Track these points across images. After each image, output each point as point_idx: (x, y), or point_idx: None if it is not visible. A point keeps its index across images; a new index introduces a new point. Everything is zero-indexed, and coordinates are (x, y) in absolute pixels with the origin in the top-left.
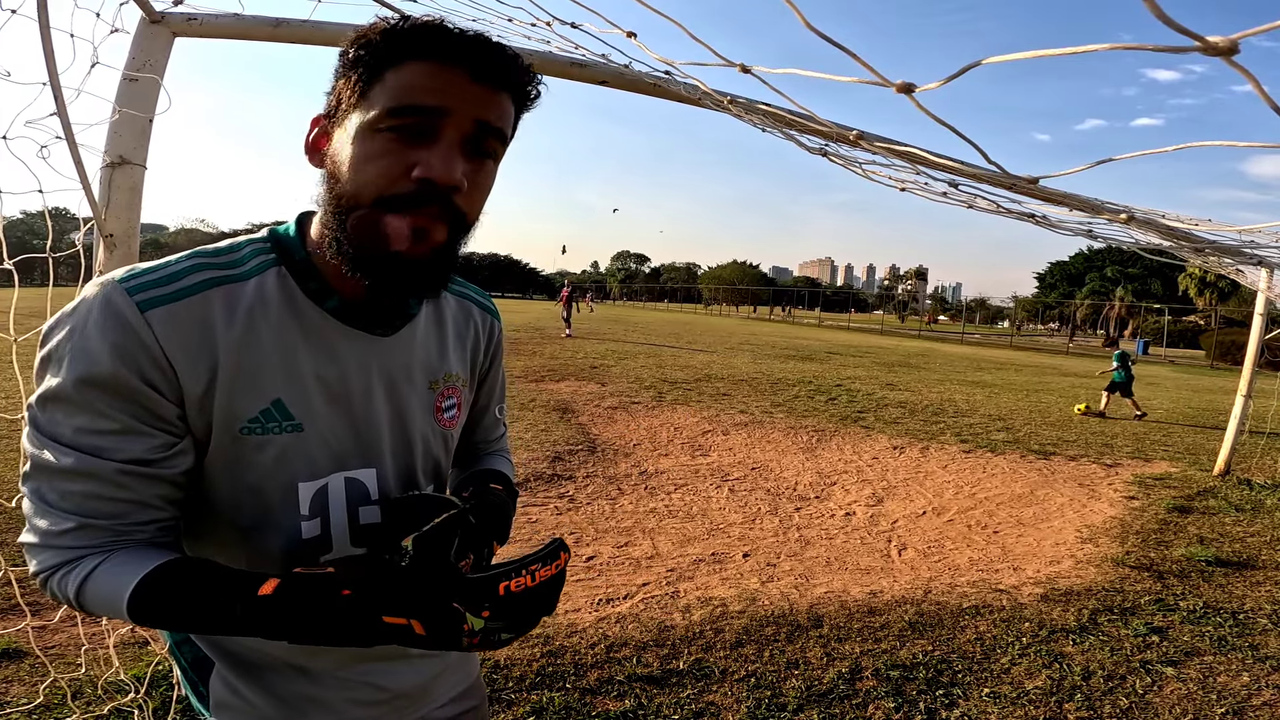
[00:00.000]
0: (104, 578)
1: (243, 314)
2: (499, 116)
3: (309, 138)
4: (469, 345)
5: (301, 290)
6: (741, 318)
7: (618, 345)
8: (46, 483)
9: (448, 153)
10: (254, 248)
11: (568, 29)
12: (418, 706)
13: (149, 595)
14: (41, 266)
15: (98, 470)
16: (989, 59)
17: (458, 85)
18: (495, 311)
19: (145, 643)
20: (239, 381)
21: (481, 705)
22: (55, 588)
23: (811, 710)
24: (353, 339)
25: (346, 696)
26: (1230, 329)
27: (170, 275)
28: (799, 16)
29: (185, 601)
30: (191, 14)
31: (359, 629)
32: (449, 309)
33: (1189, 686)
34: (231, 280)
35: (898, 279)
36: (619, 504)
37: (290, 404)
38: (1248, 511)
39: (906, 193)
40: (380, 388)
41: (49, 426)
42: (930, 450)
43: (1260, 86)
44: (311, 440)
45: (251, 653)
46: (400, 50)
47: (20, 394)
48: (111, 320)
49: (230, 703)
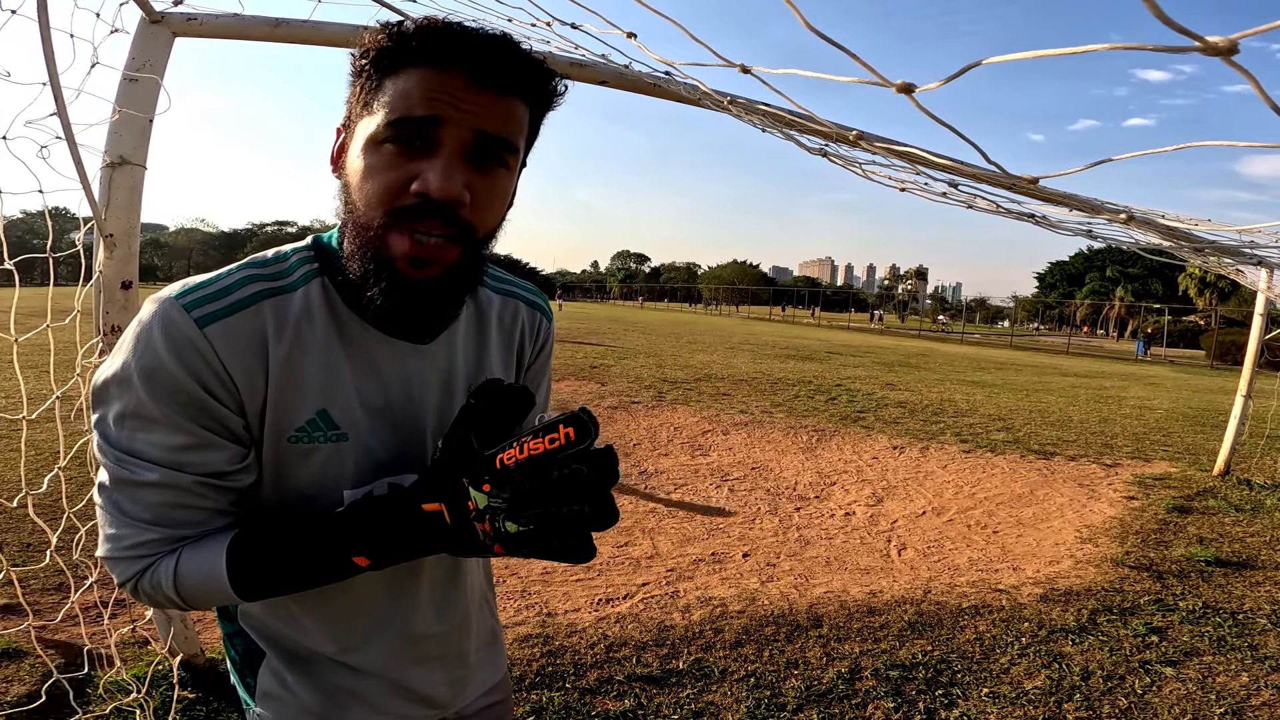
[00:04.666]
0: (192, 562)
1: (291, 326)
2: (504, 124)
3: (333, 148)
4: (515, 346)
5: (343, 300)
6: (742, 318)
7: (617, 345)
8: (126, 496)
9: (447, 165)
10: (300, 257)
11: (568, 29)
12: (450, 704)
13: (243, 555)
14: (41, 266)
15: (179, 483)
16: (989, 59)
17: (453, 92)
18: (545, 309)
19: (145, 642)
20: (287, 392)
21: (506, 701)
22: (149, 588)
23: (811, 710)
24: (395, 349)
25: (386, 693)
26: (1230, 329)
27: (223, 289)
28: (799, 16)
29: (276, 545)
30: (191, 14)
31: (409, 522)
32: (493, 309)
33: (1188, 687)
34: (280, 292)
35: (898, 279)
36: (618, 504)
37: (335, 414)
38: (1247, 511)
39: (906, 193)
40: (422, 396)
41: (127, 443)
42: (930, 450)
43: (1260, 87)
44: (356, 449)
45: (303, 646)
46: (398, 56)
47: (20, 394)
48: (173, 336)
49: (276, 693)
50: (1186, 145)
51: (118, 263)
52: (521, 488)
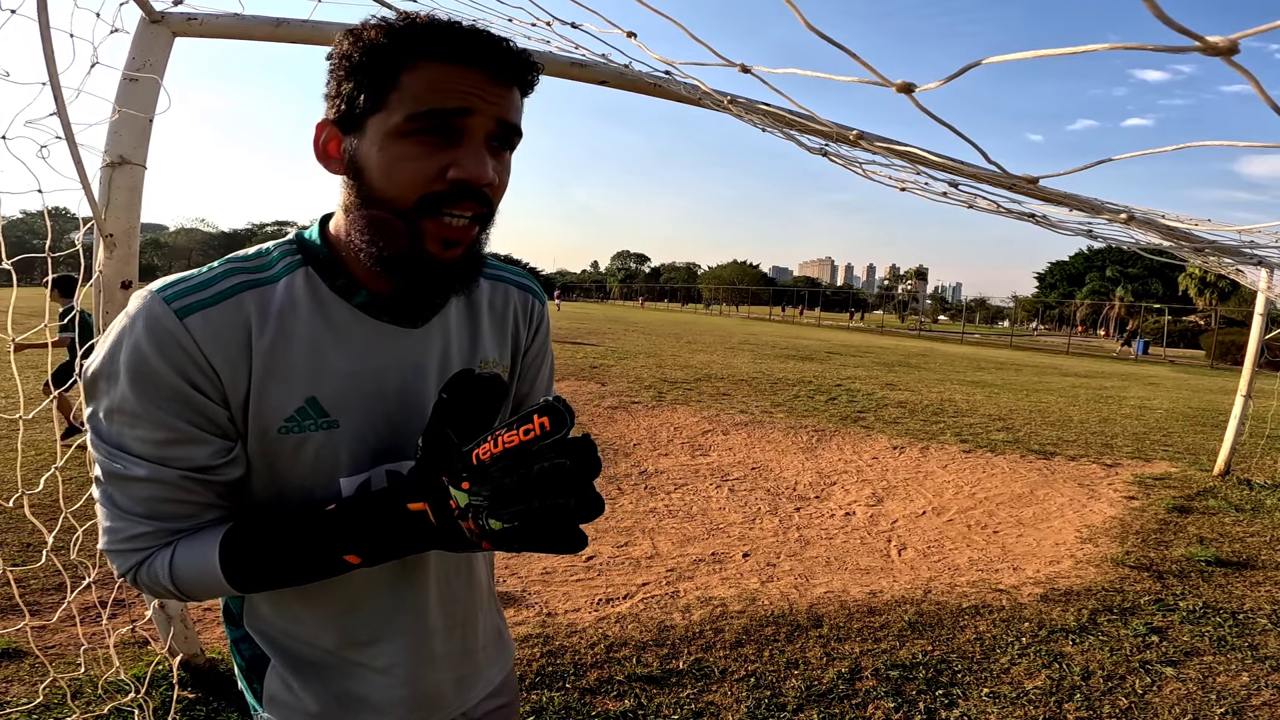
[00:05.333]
0: (187, 556)
1: (275, 316)
2: (515, 112)
3: (319, 143)
4: (509, 328)
5: (329, 287)
6: (741, 318)
7: (617, 345)
8: (118, 490)
9: (478, 152)
10: (282, 250)
11: (568, 29)
12: (458, 704)
13: (236, 550)
14: (41, 266)
15: (165, 478)
16: (989, 59)
17: (478, 86)
18: (536, 290)
19: (145, 643)
20: (274, 382)
21: (513, 702)
22: (147, 579)
23: (811, 710)
24: (384, 333)
25: (394, 697)
26: (1230, 329)
27: (204, 282)
28: (799, 16)
29: (268, 542)
30: (191, 14)
31: (396, 521)
32: (483, 293)
33: (1188, 686)
34: (262, 283)
35: (898, 279)
36: (619, 504)
37: (324, 400)
38: (1248, 511)
39: (906, 193)
40: (415, 380)
41: (115, 438)
42: (930, 450)
43: (1260, 87)
44: (349, 435)
45: (308, 649)
46: (413, 51)
47: (19, 394)
48: (155, 330)
49: (283, 698)
50: (1187, 145)
51: (117, 263)
52: (501, 484)
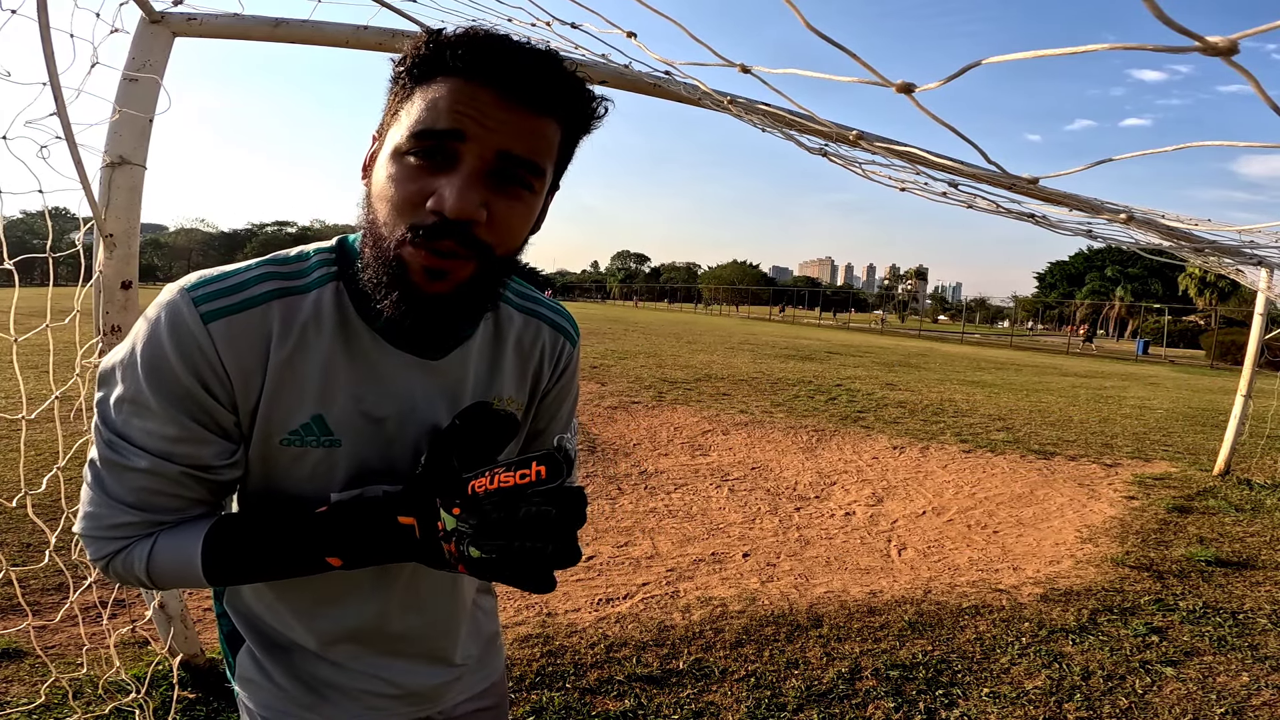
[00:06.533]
0: (167, 548)
1: (297, 329)
2: (531, 145)
3: (366, 155)
4: (531, 367)
5: (355, 308)
6: (741, 318)
7: (617, 345)
8: (113, 477)
9: (465, 183)
10: (320, 258)
11: (568, 29)
12: (433, 703)
13: (219, 544)
14: (41, 266)
15: (165, 471)
16: (988, 59)
17: (480, 107)
18: (569, 332)
19: (145, 643)
20: (284, 395)
21: (501, 705)
22: (119, 568)
23: (811, 710)
24: (402, 362)
25: (364, 687)
26: (1230, 329)
27: (236, 285)
28: (799, 16)
29: (253, 538)
30: (191, 14)
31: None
32: (513, 327)
33: (1188, 686)
34: (293, 292)
35: (898, 279)
36: (619, 503)
37: (330, 421)
38: (1248, 511)
39: (906, 193)
40: (425, 412)
41: (122, 427)
42: (930, 450)
43: (1260, 87)
44: (349, 455)
45: (279, 635)
46: (431, 65)
47: (20, 394)
48: (178, 329)
49: (253, 678)
50: (1186, 145)
51: (117, 263)
52: (489, 518)
